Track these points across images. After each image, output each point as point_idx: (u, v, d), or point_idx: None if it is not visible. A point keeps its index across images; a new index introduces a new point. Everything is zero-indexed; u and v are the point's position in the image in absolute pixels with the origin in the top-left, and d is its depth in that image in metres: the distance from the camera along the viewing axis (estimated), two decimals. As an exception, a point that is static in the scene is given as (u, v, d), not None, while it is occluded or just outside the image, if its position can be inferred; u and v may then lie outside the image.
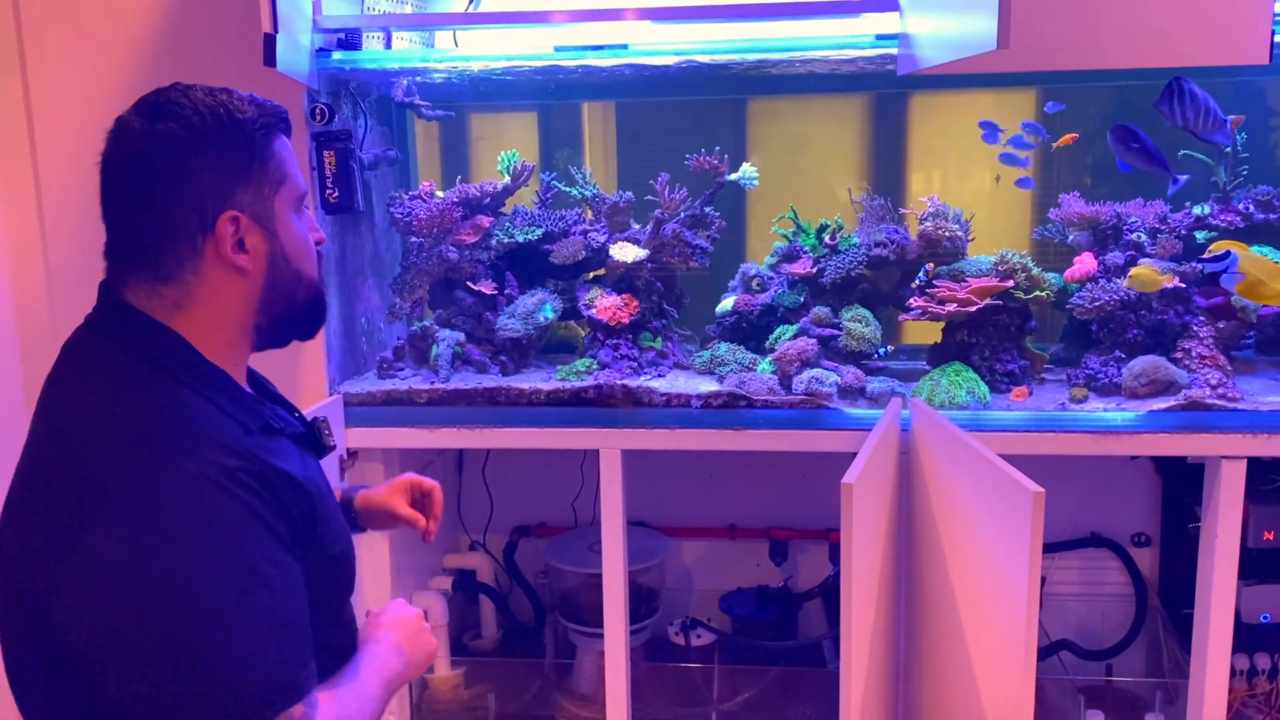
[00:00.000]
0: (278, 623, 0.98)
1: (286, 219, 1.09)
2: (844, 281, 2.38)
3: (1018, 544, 1.59)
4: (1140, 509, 2.60)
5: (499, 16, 2.44)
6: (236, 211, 1.04)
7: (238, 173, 1.05)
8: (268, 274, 1.08)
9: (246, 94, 1.08)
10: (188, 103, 1.04)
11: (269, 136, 1.08)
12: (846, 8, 2.17)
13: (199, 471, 0.96)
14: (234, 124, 1.05)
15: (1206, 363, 2.18)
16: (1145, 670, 2.59)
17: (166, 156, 1.03)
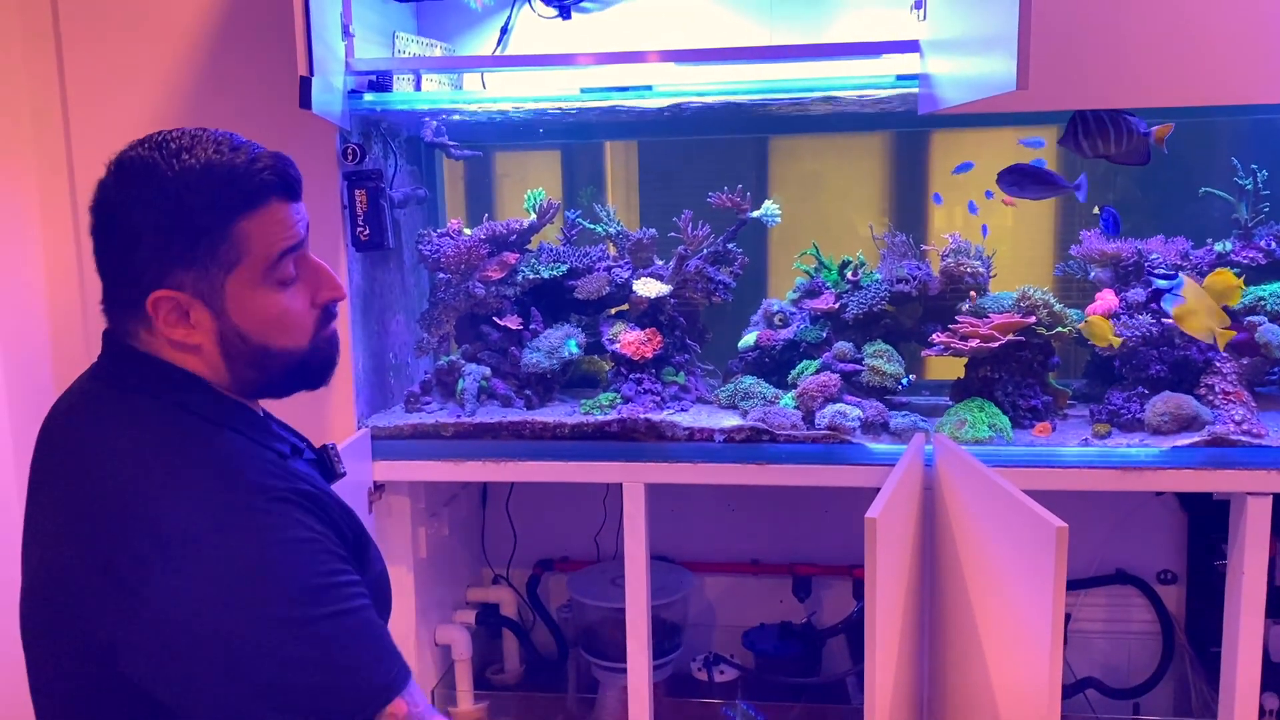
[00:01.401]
0: (360, 630, 0.97)
1: (244, 297, 1.02)
2: (866, 317, 2.40)
3: (1041, 579, 1.59)
4: (1166, 546, 2.58)
5: (526, 59, 2.50)
6: (172, 291, 0.99)
7: (177, 253, 0.99)
8: (222, 348, 1.03)
9: (228, 158, 1.00)
10: (146, 165, 0.99)
11: (229, 217, 1.00)
12: (868, 49, 2.21)
13: (258, 505, 0.96)
14: (181, 201, 0.98)
15: (1230, 399, 2.18)
16: (1173, 709, 2.56)
17: (113, 218, 1.00)
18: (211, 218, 0.99)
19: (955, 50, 1.92)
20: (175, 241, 0.98)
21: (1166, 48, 1.82)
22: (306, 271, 1.08)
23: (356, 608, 0.97)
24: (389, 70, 2.29)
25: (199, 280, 1.00)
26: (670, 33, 2.52)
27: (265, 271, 1.02)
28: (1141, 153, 2.01)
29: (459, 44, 2.62)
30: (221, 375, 1.05)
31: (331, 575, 0.96)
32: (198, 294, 1.00)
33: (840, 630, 2.66)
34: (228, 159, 1.00)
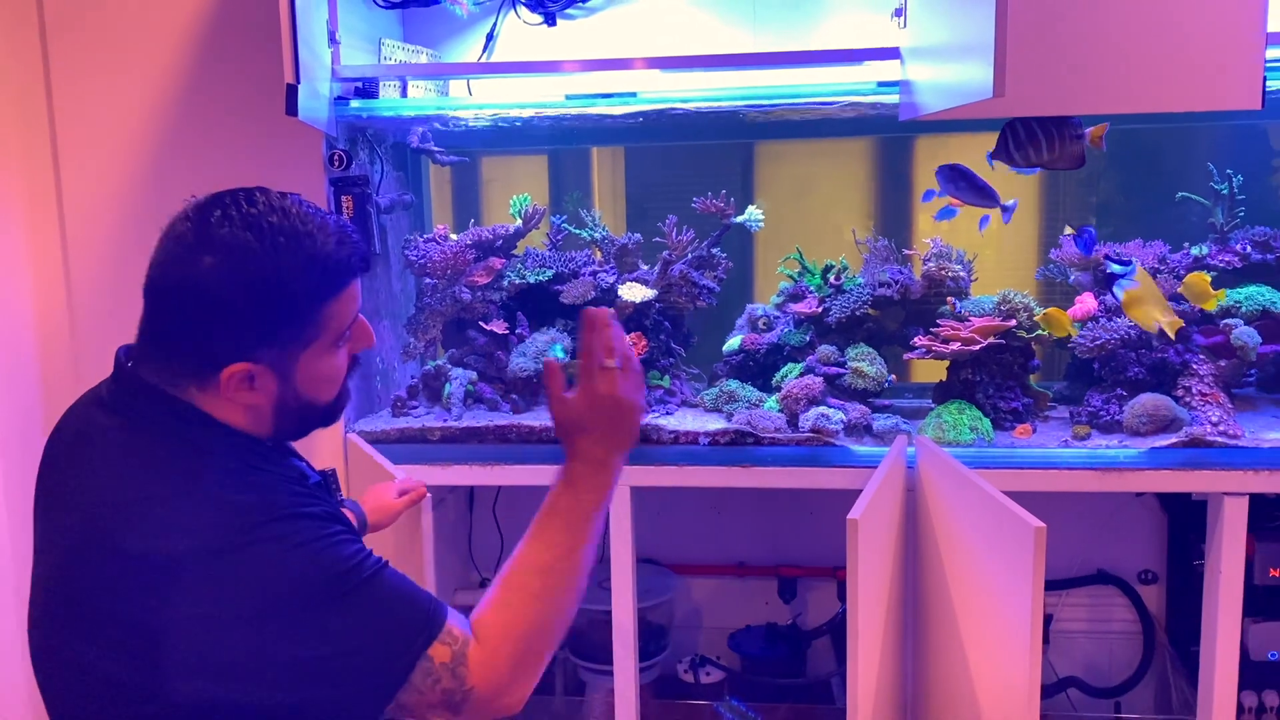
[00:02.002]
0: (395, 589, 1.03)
1: (313, 363, 1.05)
2: (849, 321, 2.42)
3: (1020, 579, 1.61)
4: (1146, 546, 2.61)
5: (511, 66, 2.52)
6: (250, 365, 1.01)
7: (262, 336, 1.01)
8: (275, 408, 1.06)
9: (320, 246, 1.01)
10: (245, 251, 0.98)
11: (321, 301, 1.02)
12: (849, 56, 2.24)
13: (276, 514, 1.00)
14: (280, 291, 0.99)
15: (1207, 400, 2.21)
16: (1154, 708, 2.59)
17: (197, 294, 0.99)
18: (306, 303, 1.01)
19: (934, 57, 1.95)
20: (266, 324, 1.00)
21: (1141, 55, 1.84)
22: (355, 332, 1.11)
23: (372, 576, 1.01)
24: (375, 77, 2.31)
25: (279, 355, 1.02)
26: (654, 39, 2.55)
27: (335, 341, 1.06)
28: (1076, 156, 2.00)
29: (445, 51, 2.64)
30: (265, 428, 1.07)
31: (349, 556, 1.00)
32: (271, 365, 1.02)
33: (825, 631, 2.68)
34: (320, 244, 1.01)
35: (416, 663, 1.01)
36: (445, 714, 1.03)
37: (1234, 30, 1.86)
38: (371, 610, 1.00)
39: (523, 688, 1.07)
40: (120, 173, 2.31)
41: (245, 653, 0.95)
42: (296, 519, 1.00)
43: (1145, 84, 1.87)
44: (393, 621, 1.01)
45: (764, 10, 2.53)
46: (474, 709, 1.03)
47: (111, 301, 2.35)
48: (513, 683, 1.06)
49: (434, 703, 1.02)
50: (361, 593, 0.99)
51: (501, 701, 1.05)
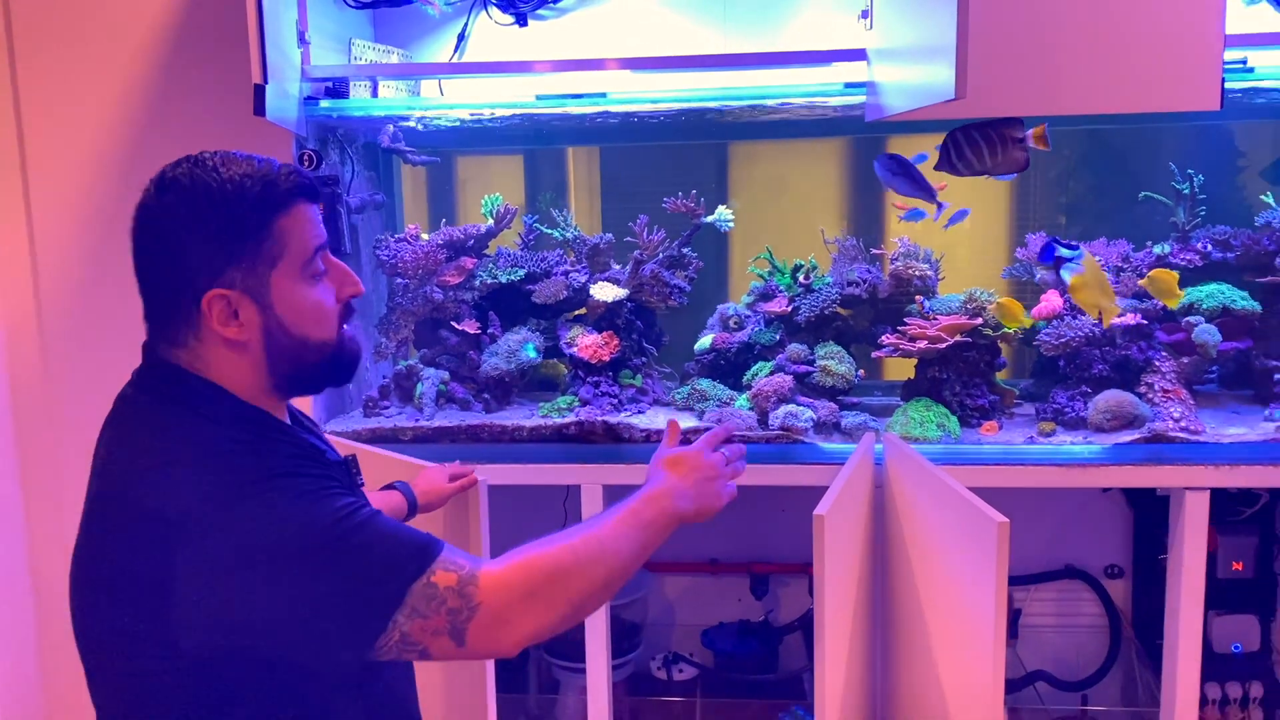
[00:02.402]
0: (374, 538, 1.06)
1: (287, 289, 1.11)
2: (818, 319, 2.44)
3: (985, 573, 1.63)
4: (1113, 541, 2.64)
5: (483, 66, 2.53)
6: (225, 289, 1.08)
7: (229, 252, 1.08)
8: (265, 343, 1.11)
9: (260, 167, 1.11)
10: (188, 179, 1.08)
11: (270, 214, 1.09)
12: (817, 58, 2.26)
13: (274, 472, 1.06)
14: (229, 204, 1.07)
15: (1169, 396, 2.24)
16: (1120, 700, 2.63)
17: (163, 233, 1.09)
18: (256, 217, 1.08)
19: (898, 59, 1.97)
20: (225, 242, 1.08)
21: (1101, 57, 1.87)
22: (332, 270, 1.17)
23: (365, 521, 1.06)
24: (345, 77, 2.31)
25: (247, 275, 1.08)
26: (625, 40, 2.56)
27: (303, 266, 1.12)
28: (1019, 161, 2.03)
29: (416, 51, 2.64)
30: (262, 373, 1.13)
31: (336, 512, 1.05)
32: (246, 289, 1.09)
33: (797, 627, 2.70)
34: (259, 169, 1.11)
35: (410, 586, 1.04)
36: (448, 642, 1.06)
37: (1192, 33, 1.89)
38: (365, 546, 1.04)
39: (528, 623, 1.09)
40: (87, 175, 2.30)
41: (248, 600, 1.01)
42: (292, 476, 1.06)
43: (1105, 86, 1.90)
44: (385, 554, 1.05)
45: (734, 12, 2.55)
46: (477, 632, 1.06)
47: (81, 303, 2.35)
48: (522, 613, 1.08)
49: (438, 627, 1.05)
50: (355, 534, 1.04)
51: (505, 630, 1.08)
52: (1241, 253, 2.40)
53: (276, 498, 1.03)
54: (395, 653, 1.05)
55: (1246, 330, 2.36)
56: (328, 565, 1.02)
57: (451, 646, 1.06)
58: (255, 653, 1.03)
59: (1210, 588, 2.19)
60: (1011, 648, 2.61)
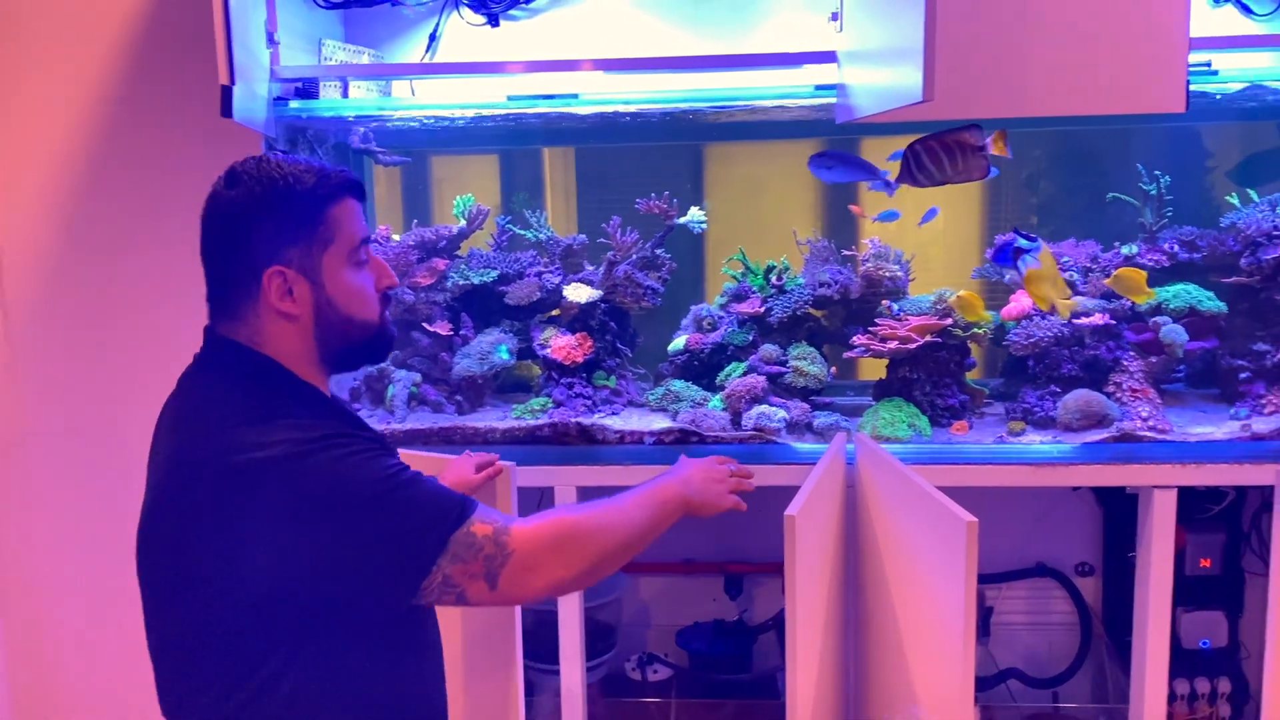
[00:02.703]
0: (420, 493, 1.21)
1: (336, 272, 1.26)
2: (791, 320, 2.45)
3: (955, 572, 1.64)
4: (1083, 539, 2.67)
5: (455, 67, 2.52)
6: (282, 267, 1.23)
7: (287, 235, 1.23)
8: (316, 319, 1.26)
9: (314, 165, 1.26)
10: (255, 173, 1.24)
11: (323, 204, 1.25)
12: (788, 60, 2.27)
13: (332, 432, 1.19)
14: (289, 193, 1.23)
15: (1138, 396, 2.26)
16: (1091, 697, 2.65)
17: (230, 218, 1.24)
18: (311, 205, 1.24)
19: (868, 61, 1.98)
20: (284, 225, 1.23)
21: (1067, 60, 1.89)
22: (372, 262, 1.32)
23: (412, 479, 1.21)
24: (315, 78, 2.30)
25: (303, 256, 1.23)
26: (598, 41, 2.56)
27: (350, 253, 1.27)
28: (981, 169, 2.05)
29: (387, 51, 2.63)
30: (311, 345, 1.27)
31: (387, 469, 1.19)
32: (301, 268, 1.24)
33: (770, 626, 2.71)
34: (315, 166, 1.27)
35: (452, 535, 1.18)
36: (484, 585, 1.20)
37: (1157, 36, 1.91)
38: (413, 499, 1.19)
39: (552, 573, 1.24)
40: (54, 179, 2.28)
41: (311, 543, 1.13)
42: (348, 437, 1.20)
43: (1072, 88, 1.92)
44: (431, 505, 1.20)
45: (706, 13, 2.55)
46: (509, 577, 1.21)
47: (47, 307, 2.33)
48: (548, 563, 1.23)
49: (475, 571, 1.19)
50: (405, 489, 1.19)
51: (532, 577, 1.22)
52: (1208, 253, 2.42)
53: (336, 455, 1.16)
54: (436, 595, 1.19)
55: (1213, 330, 2.38)
56: (382, 512, 1.16)
57: (485, 590, 1.20)
58: (313, 593, 1.16)
59: (1178, 585, 2.21)
60: (984, 646, 2.63)
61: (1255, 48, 2.36)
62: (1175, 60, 1.95)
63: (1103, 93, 1.93)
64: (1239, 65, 2.26)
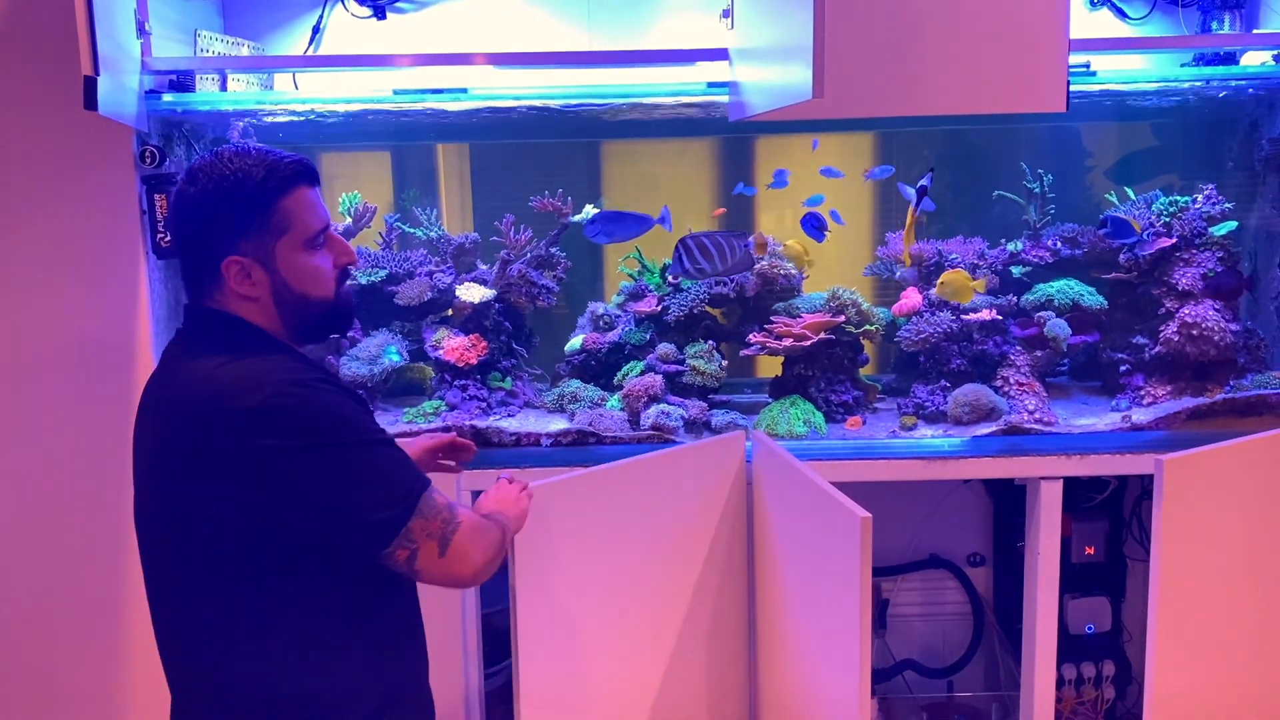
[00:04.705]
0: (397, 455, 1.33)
1: (290, 257, 1.34)
2: (688, 319, 2.44)
3: (850, 566, 1.65)
4: (975, 530, 2.72)
5: (340, 59, 2.44)
6: (238, 257, 1.31)
7: (240, 227, 1.31)
8: (274, 299, 1.34)
9: (266, 156, 1.33)
10: (210, 169, 1.32)
11: (274, 195, 1.32)
12: (681, 56, 2.26)
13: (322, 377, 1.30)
14: (240, 188, 1.31)
15: (1024, 389, 2.32)
16: (984, 685, 2.71)
17: (190, 213, 1.33)
18: (261, 198, 1.31)
19: (759, 59, 1.98)
20: (237, 218, 1.31)
21: (953, 60, 1.91)
22: (331, 242, 1.40)
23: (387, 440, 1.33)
24: (190, 70, 2.19)
25: (257, 247, 1.32)
26: (487, 36, 2.51)
27: (306, 241, 1.35)
28: (746, 263, 2.30)
29: (269, 44, 2.54)
30: (274, 321, 1.36)
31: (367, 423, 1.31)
32: (255, 257, 1.32)
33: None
34: (265, 154, 1.33)
35: (425, 491, 1.30)
36: (435, 546, 1.30)
37: (1038, 37, 1.95)
38: (394, 454, 1.32)
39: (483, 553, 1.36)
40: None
41: (307, 477, 1.23)
42: (335, 385, 1.31)
43: (958, 87, 1.94)
44: (409, 464, 1.33)
45: (598, 10, 2.52)
46: (457, 547, 1.31)
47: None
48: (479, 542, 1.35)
49: (434, 531, 1.30)
50: (388, 444, 1.32)
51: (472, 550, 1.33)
52: (1088, 250, 2.50)
53: (328, 396, 1.27)
54: (395, 546, 1.27)
55: (1094, 324, 2.46)
56: (373, 457, 1.28)
57: (435, 553, 1.30)
58: (302, 530, 1.25)
59: (1065, 572, 2.27)
60: (880, 638, 2.66)
61: (1130, 50, 2.45)
62: (1055, 61, 1.99)
63: (987, 92, 1.96)
64: (1115, 66, 2.33)
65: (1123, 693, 2.55)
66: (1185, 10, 2.49)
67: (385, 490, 1.28)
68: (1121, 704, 2.55)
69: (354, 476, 1.26)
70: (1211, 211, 2.40)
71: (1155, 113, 2.64)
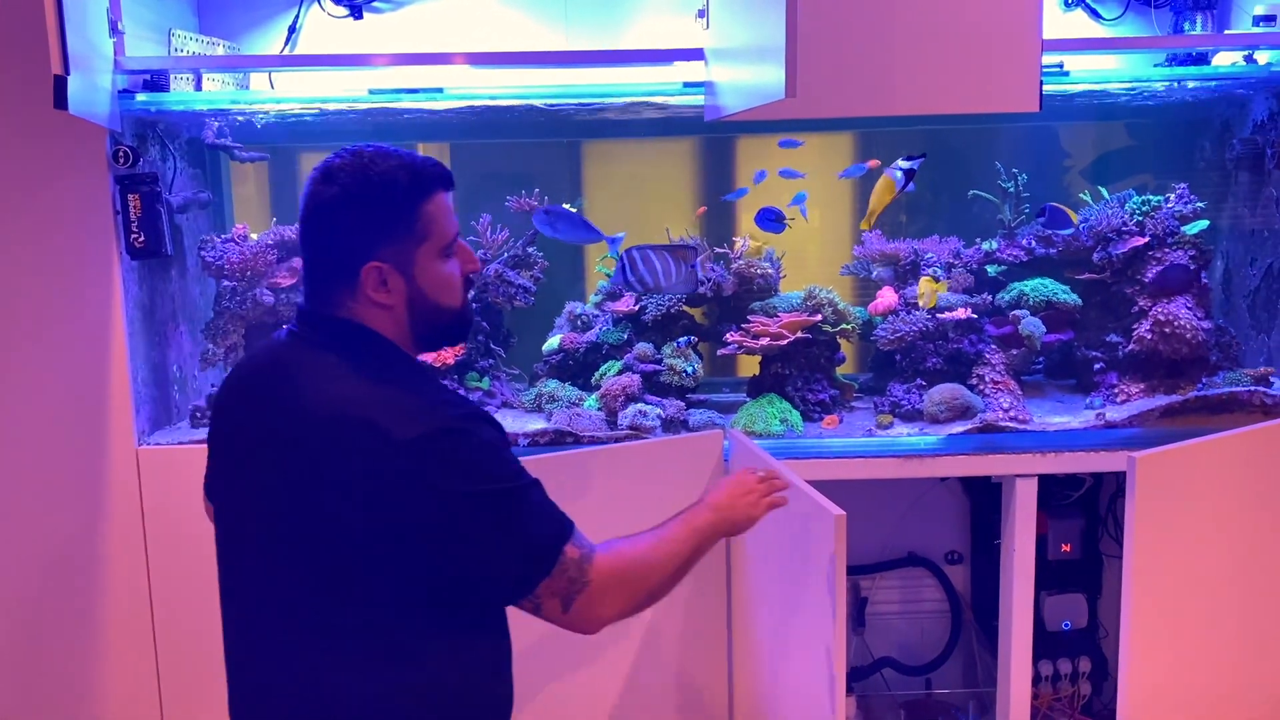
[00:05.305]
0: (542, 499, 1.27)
1: (427, 264, 1.30)
2: (665, 318, 2.45)
3: (825, 564, 1.66)
4: (952, 528, 2.73)
5: (316, 59, 2.43)
6: (379, 263, 1.27)
7: (382, 232, 1.27)
8: (408, 307, 1.30)
9: (406, 159, 1.29)
10: (351, 170, 1.28)
11: (418, 200, 1.29)
12: (657, 56, 2.26)
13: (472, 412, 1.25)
14: (386, 193, 1.27)
15: (999, 388, 2.33)
16: (962, 682, 2.72)
17: (329, 215, 1.28)
18: (405, 201, 1.28)
19: (733, 59, 1.98)
20: (381, 223, 1.27)
21: (926, 60, 1.92)
22: (460, 250, 1.36)
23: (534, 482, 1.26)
24: (165, 69, 2.18)
25: (398, 253, 1.28)
26: (465, 36, 2.51)
27: (443, 247, 1.32)
28: (690, 283, 2.30)
29: (244, 43, 2.53)
30: (403, 330, 1.31)
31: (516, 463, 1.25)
32: (395, 264, 1.28)
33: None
34: (405, 158, 1.30)
35: (564, 546, 1.24)
36: (558, 605, 1.25)
37: (1012, 38, 1.96)
38: (538, 502, 1.26)
39: (617, 604, 1.29)
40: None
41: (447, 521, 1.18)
42: (488, 419, 1.26)
43: (931, 87, 1.95)
44: (553, 515, 1.27)
45: (576, 11, 2.52)
46: (582, 606, 1.26)
47: None
48: (614, 598, 1.28)
49: (558, 590, 1.24)
50: (534, 488, 1.26)
51: (598, 609, 1.27)
52: (1063, 249, 2.51)
53: (484, 436, 1.22)
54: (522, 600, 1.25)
55: (1069, 322, 2.47)
56: (517, 509, 1.22)
57: (559, 609, 1.25)
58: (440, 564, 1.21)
59: (1041, 569, 2.28)
60: (859, 636, 2.67)
61: (1104, 50, 2.46)
62: (1029, 62, 2.00)
63: (960, 92, 1.96)
64: (1090, 67, 2.35)
65: (1099, 688, 2.57)
66: (1158, 11, 2.51)
67: (525, 547, 1.22)
68: (1098, 700, 2.57)
69: (498, 527, 1.21)
70: (1184, 210, 2.42)
71: (1130, 113, 2.66)
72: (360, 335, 1.29)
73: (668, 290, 2.29)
